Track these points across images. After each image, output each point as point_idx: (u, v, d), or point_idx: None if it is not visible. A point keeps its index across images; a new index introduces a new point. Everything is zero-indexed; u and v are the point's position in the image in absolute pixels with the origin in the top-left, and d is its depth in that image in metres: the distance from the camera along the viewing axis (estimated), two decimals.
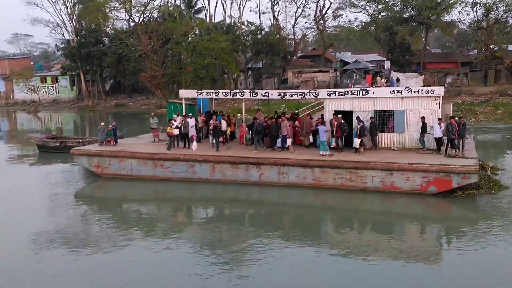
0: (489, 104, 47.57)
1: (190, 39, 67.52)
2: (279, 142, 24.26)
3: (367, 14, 70.05)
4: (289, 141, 23.37)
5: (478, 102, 49.30)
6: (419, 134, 21.94)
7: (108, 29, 76.11)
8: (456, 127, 20.95)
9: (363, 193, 20.18)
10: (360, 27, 72.13)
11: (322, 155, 21.49)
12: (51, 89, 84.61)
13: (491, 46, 54.82)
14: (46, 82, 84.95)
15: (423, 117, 21.79)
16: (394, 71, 64.19)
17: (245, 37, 70.56)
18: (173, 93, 61.70)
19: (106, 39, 76.21)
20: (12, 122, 64.81)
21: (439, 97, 21.92)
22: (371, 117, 22.38)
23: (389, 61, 67.86)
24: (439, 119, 21.44)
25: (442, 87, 22.50)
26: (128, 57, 66.99)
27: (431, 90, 21.96)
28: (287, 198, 20.82)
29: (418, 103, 22.18)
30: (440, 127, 21.21)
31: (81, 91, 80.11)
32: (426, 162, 19.52)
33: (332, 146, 22.45)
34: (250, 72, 77.69)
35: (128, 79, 74.66)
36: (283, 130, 23.45)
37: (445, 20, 62.56)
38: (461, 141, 21.94)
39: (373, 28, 70.47)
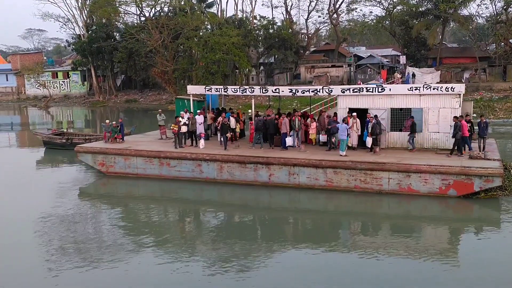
0: (509, 100, 45.94)
1: (201, 34, 66.57)
2: (289, 141, 23.31)
3: (382, 7, 68.67)
4: (288, 140, 22.37)
5: (497, 98, 47.68)
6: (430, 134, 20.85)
7: (119, 23, 75.37)
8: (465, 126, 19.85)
9: (378, 195, 19.12)
10: (374, 21, 70.59)
11: (342, 155, 20.44)
12: (62, 85, 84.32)
13: (511, 41, 52.88)
14: (57, 77, 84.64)
15: (412, 117, 21.02)
16: (409, 66, 62.71)
17: (257, 31, 69.45)
18: (184, 88, 60.41)
19: (117, 34, 75.52)
20: (24, 117, 64.59)
21: (460, 94, 20.71)
22: (374, 116, 21.18)
23: (404, 56, 66.37)
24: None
25: (463, 85, 21.26)
26: (138, 52, 66.23)
27: (452, 87, 20.73)
28: (298, 201, 19.85)
29: (437, 101, 20.97)
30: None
31: (92, 87, 79.69)
32: (446, 164, 18.39)
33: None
34: (262, 67, 76.62)
35: (139, 75, 73.92)
36: (282, 128, 22.47)
37: (462, 14, 60.83)
38: (482, 141, 20.73)
39: (388, 22, 68.94)
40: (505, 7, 55.21)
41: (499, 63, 57.74)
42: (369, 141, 21.14)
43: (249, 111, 32.48)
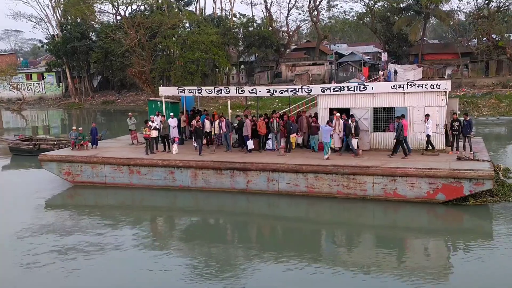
0: (492, 97, 45.30)
1: (179, 32, 64.91)
2: (269, 144, 22.04)
3: (362, 3, 67.81)
4: (249, 144, 21.20)
5: (480, 95, 47.07)
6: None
7: (94, 23, 73.24)
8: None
9: (362, 201, 17.91)
10: (355, 17, 69.75)
11: (325, 159, 19.22)
12: (37, 86, 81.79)
13: (493, 36, 52.35)
14: (31, 79, 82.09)
15: (398, 117, 19.66)
16: (391, 63, 61.97)
17: (237, 29, 68.13)
18: None
19: (92, 34, 73.39)
20: None
21: (445, 92, 19.62)
22: (348, 116, 20.15)
23: (386, 53, 65.63)
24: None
25: (449, 81, 20.14)
26: (115, 52, 64.27)
27: (437, 84, 19.60)
28: (278, 208, 18.61)
29: (422, 99, 19.85)
30: (427, 123, 19.23)
31: (68, 88, 77.37)
32: (433, 167, 17.23)
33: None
34: (242, 66, 75.27)
35: (116, 75, 71.88)
36: (244, 130, 21.25)
37: (444, 10, 60.26)
38: (466, 140, 19.65)
39: (369, 18, 68.11)
40: (487, 1, 54.68)
41: (481, 59, 57.26)
42: (354, 142, 19.97)
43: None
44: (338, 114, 20.30)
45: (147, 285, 12.29)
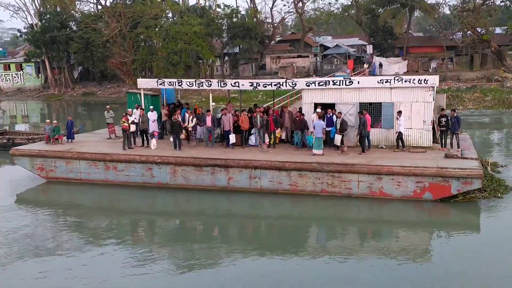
0: (477, 90, 45.11)
1: (162, 22, 63.54)
2: (251, 140, 21.30)
3: None
4: (231, 137, 20.55)
5: (465, 88, 46.87)
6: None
7: (74, 12, 71.29)
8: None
9: (347, 200, 17.33)
10: (340, 9, 69.11)
11: (315, 154, 18.57)
12: (15, 77, 79.48)
13: (478, 29, 52.12)
14: (9, 69, 79.79)
15: (340, 113, 19.51)
16: (376, 56, 61.56)
17: (220, 20, 67.04)
18: None
19: (73, 23, 71.51)
20: None
21: (433, 87, 19.07)
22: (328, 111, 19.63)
23: (371, 46, 65.24)
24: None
25: (437, 76, 19.57)
26: (95, 42, 62.64)
27: (425, 79, 19.02)
28: (260, 207, 17.93)
29: (409, 95, 19.28)
30: (399, 120, 18.77)
31: (48, 79, 75.43)
32: (420, 165, 16.68)
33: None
34: (226, 58, 74.19)
35: (96, 66, 70.08)
36: (226, 124, 20.56)
37: (429, 2, 59.94)
38: (454, 137, 19.15)
39: (354, 10, 67.53)
40: None
41: (466, 53, 57.12)
42: (337, 138, 19.35)
43: (213, 104, 30.50)
44: (318, 110, 19.68)
45: None
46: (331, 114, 19.58)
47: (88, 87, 73.39)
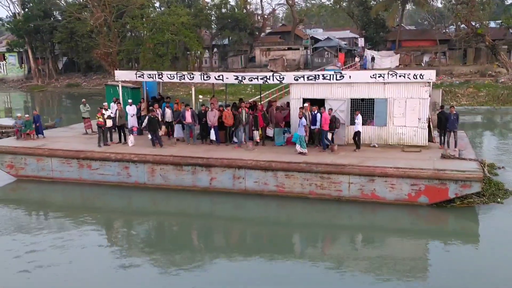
0: (470, 85, 44.11)
1: (148, 12, 61.71)
2: (236, 137, 20.00)
3: None
4: (212, 133, 19.43)
5: (458, 83, 45.87)
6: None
7: (58, 1, 69.25)
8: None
9: (337, 203, 16.14)
10: (332, 1, 67.79)
11: (301, 152, 17.37)
12: None
13: (472, 23, 51.03)
14: None
15: (330, 109, 18.39)
16: (368, 49, 60.40)
17: (209, 11, 65.41)
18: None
19: (57, 13, 69.46)
20: None
21: (429, 83, 17.90)
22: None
23: (362, 39, 64.06)
24: (356, 111, 17.99)
25: (434, 71, 18.37)
26: (80, 32, 60.75)
27: (421, 74, 17.84)
28: (244, 209, 16.70)
29: (404, 90, 18.11)
30: (357, 119, 17.76)
31: (31, 70, 73.36)
32: (416, 166, 15.52)
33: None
34: (215, 50, 72.62)
35: (81, 57, 68.15)
36: (210, 120, 19.42)
37: None
38: (452, 135, 18.03)
39: (346, 3, 66.23)
40: None
41: (459, 47, 56.12)
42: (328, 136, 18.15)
43: (200, 97, 29.43)
44: (306, 105, 18.46)
45: None
46: (315, 112, 18.27)
47: (72, 78, 71.50)
